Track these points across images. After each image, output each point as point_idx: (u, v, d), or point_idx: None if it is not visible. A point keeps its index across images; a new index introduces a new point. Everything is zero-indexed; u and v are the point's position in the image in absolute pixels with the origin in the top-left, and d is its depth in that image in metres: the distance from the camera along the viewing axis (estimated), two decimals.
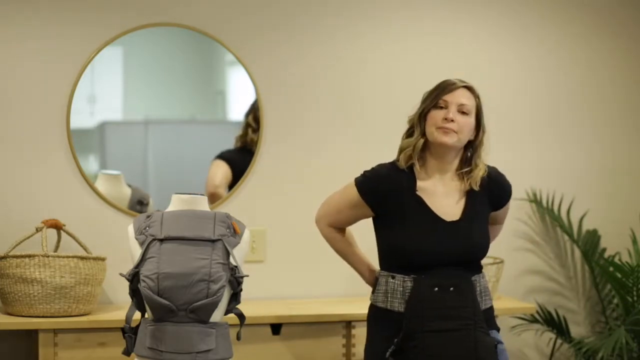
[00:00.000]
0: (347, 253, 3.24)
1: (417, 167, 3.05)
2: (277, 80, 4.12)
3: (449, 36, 4.32)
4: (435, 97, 3.03)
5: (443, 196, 3.05)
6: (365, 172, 3.12)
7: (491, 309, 3.11)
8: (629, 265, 4.14)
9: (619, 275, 4.20)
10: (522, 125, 4.42)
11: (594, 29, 4.52)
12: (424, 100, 3.07)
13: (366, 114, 4.22)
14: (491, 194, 3.11)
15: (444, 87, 3.04)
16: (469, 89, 3.06)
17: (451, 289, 2.96)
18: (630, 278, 4.15)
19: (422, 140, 3.04)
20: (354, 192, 3.09)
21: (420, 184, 3.05)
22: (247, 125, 4.11)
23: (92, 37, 3.92)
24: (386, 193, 3.04)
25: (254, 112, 4.10)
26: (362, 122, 4.22)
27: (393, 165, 3.09)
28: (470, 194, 3.07)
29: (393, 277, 3.02)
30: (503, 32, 4.41)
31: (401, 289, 3.00)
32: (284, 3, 4.15)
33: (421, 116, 3.05)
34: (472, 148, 3.08)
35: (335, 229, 3.21)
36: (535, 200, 4.40)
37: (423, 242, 2.99)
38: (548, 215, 4.43)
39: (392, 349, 2.95)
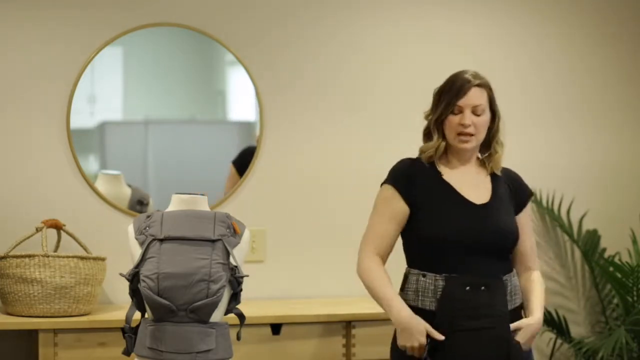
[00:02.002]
0: (388, 291, 3.02)
1: (438, 164, 3.08)
2: (277, 80, 4.12)
3: (449, 35, 4.32)
4: (449, 104, 3.02)
5: (470, 181, 3.06)
6: (389, 170, 3.10)
7: (520, 307, 3.10)
8: (629, 265, 4.14)
9: (619, 275, 4.20)
10: (522, 125, 4.41)
11: (594, 29, 4.51)
12: (437, 102, 3.06)
13: (367, 113, 4.22)
14: (511, 189, 3.13)
15: (457, 91, 3.01)
16: (480, 86, 3.04)
17: (482, 288, 2.96)
18: (630, 278, 4.15)
19: (443, 144, 3.06)
20: (388, 192, 3.05)
21: (444, 172, 3.06)
22: None
23: (92, 37, 3.92)
24: (415, 179, 3.03)
25: None
26: (364, 122, 4.21)
27: (415, 159, 3.10)
28: (494, 180, 3.09)
29: (424, 276, 3.00)
30: (502, 32, 4.41)
31: (432, 287, 2.98)
32: (284, 3, 4.15)
33: (437, 122, 3.05)
34: (489, 135, 3.09)
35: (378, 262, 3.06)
36: (535, 200, 4.39)
37: (454, 226, 2.97)
38: (548, 215, 4.43)
39: (427, 348, 2.93)
